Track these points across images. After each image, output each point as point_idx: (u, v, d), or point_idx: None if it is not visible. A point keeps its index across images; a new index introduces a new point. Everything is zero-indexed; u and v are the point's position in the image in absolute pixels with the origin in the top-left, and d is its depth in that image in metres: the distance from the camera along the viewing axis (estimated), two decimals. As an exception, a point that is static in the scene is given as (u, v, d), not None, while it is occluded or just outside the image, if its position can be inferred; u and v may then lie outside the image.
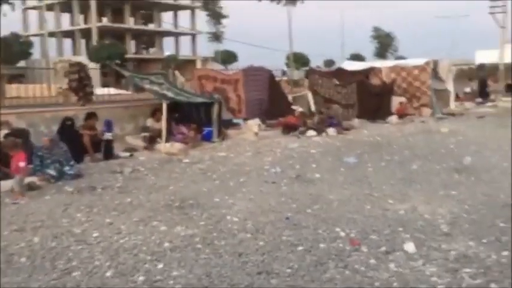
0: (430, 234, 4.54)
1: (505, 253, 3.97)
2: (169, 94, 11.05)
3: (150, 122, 11.28)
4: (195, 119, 12.26)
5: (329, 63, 46.70)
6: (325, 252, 4.15)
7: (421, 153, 9.27)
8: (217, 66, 45.13)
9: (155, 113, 11.22)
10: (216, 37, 45.60)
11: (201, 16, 51.45)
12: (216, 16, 47.09)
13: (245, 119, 14.48)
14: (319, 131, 12.47)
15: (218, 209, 5.62)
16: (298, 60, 47.97)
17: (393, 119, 15.34)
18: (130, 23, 52.18)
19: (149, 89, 11.43)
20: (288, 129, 12.85)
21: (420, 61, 18.19)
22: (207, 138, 11.67)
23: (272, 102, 15.40)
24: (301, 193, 6.37)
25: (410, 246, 4.13)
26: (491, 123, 14.66)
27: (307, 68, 26.74)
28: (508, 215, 5.03)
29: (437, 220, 5.00)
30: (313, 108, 16.38)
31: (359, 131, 13.29)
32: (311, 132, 12.35)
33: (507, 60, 45.60)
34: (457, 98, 22.99)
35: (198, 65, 47.64)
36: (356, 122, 14.57)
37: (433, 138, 11.45)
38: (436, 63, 18.06)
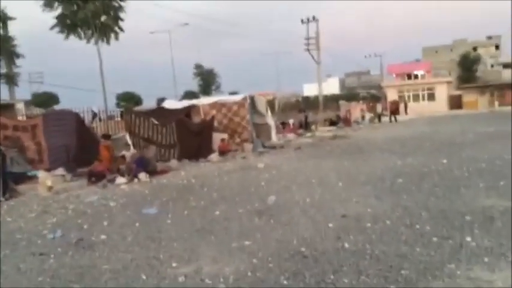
0: (201, 310, 3.71)
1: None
2: None
3: None
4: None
5: (162, 101, 45.89)
6: None
7: (229, 195, 8.70)
8: (39, 110, 41.15)
9: None
10: (10, 79, 39.97)
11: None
12: (9, 55, 40.58)
13: (48, 170, 12.67)
14: (130, 176, 11.34)
15: None
16: (130, 99, 46.40)
17: (214, 157, 14.86)
18: None
19: None
20: (95, 177, 11.43)
21: (239, 97, 18.31)
22: (-11, 198, 9.69)
23: (82, 148, 13.85)
24: (70, 266, 5.13)
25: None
26: (305, 154, 15.13)
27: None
28: (293, 268, 4.49)
29: (218, 285, 4.23)
30: (132, 150, 15.26)
31: (176, 173, 12.45)
32: (120, 180, 11.14)
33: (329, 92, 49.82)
34: (283, 127, 23.97)
35: (21, 109, 42.69)
36: (174, 163, 13.73)
37: (248, 175, 11.12)
38: (252, 98, 18.31)
